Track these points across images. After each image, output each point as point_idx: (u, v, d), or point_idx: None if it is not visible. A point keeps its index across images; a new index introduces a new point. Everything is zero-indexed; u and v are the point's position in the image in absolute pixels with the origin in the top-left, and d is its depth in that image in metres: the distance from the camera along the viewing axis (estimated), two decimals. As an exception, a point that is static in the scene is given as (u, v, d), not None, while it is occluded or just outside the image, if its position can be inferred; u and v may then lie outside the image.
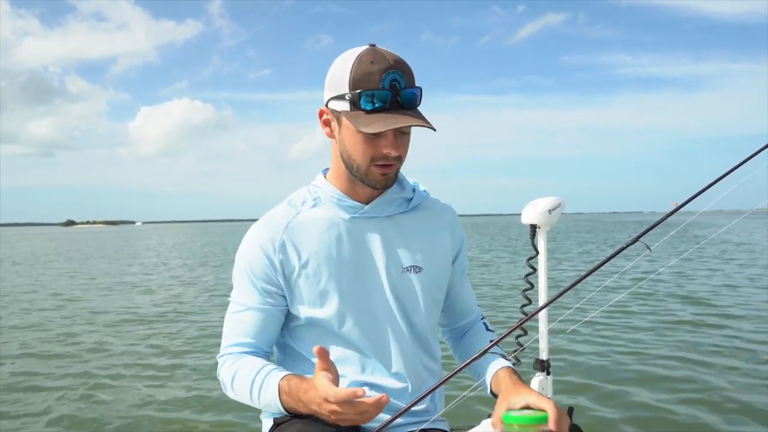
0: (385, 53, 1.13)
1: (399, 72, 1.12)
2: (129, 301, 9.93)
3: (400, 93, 1.11)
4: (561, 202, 2.02)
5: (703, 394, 4.10)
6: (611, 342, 5.79)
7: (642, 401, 3.99)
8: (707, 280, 10.68)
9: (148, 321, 7.85)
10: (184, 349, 6.09)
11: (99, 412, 4.08)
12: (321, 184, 1.29)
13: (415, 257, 1.27)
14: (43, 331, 7.20)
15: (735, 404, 3.89)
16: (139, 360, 5.65)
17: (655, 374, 4.64)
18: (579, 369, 4.81)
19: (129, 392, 4.57)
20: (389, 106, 1.11)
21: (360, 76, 1.11)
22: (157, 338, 6.68)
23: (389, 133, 1.14)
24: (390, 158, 1.16)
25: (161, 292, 11.24)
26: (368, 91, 1.10)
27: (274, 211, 1.29)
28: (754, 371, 4.66)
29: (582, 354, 5.29)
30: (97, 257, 22.96)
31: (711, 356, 5.16)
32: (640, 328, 6.41)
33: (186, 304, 9.48)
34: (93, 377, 5.01)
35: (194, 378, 4.95)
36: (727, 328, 6.39)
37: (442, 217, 1.35)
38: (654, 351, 5.41)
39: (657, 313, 7.30)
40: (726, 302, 8.14)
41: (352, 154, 1.18)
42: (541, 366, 2.03)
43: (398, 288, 1.25)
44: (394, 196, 1.28)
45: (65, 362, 5.60)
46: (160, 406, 4.22)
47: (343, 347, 1.25)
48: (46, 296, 10.80)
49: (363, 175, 1.19)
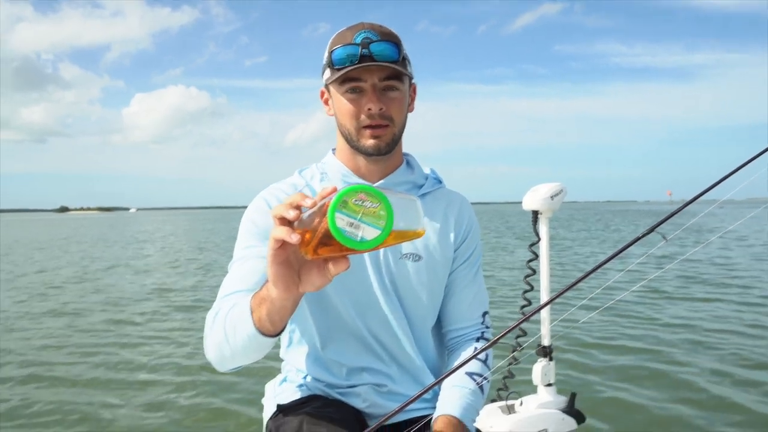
0: (367, 23, 1.16)
1: (373, 31, 1.13)
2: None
3: (370, 46, 1.12)
4: (563, 188, 2.01)
5: (706, 385, 4.11)
6: (615, 328, 5.80)
7: (645, 388, 3.99)
8: (720, 270, 10.64)
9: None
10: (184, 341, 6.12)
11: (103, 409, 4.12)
12: (328, 161, 1.29)
13: (414, 245, 1.25)
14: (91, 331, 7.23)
15: (731, 395, 3.90)
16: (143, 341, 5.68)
17: (660, 361, 4.65)
18: (582, 354, 4.82)
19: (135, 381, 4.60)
20: (359, 60, 1.12)
21: (336, 40, 1.15)
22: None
23: (368, 88, 1.14)
24: (375, 116, 1.15)
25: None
26: (339, 48, 1.13)
27: (284, 180, 1.29)
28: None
29: (585, 339, 5.30)
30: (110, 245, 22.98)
31: (715, 349, 5.16)
32: (645, 316, 6.41)
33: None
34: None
35: (198, 366, 4.97)
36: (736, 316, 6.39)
37: (450, 206, 1.32)
38: (658, 338, 5.42)
39: (664, 303, 7.30)
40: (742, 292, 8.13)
41: (342, 120, 1.19)
42: (544, 352, 2.04)
43: (394, 274, 1.23)
44: (401, 178, 1.27)
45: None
46: (160, 392, 4.26)
47: (340, 332, 1.24)
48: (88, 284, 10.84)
49: (356, 141, 1.19)
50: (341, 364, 1.24)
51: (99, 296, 8.98)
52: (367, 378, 1.24)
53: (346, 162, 1.25)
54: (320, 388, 1.26)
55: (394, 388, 1.24)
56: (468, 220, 1.32)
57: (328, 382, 1.26)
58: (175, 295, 8.96)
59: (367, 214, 0.63)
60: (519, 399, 2.05)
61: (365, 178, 1.24)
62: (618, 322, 6.02)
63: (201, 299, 8.45)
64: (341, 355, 1.24)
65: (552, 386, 2.03)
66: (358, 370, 1.24)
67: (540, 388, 2.03)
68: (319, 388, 1.27)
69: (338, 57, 1.13)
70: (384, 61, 1.12)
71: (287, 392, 1.29)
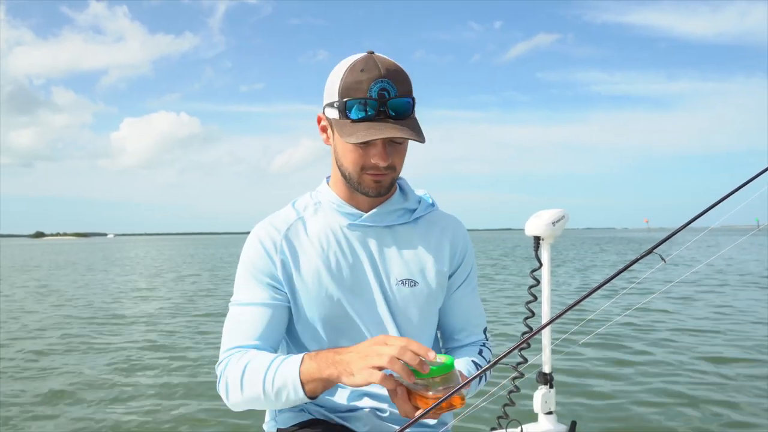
0: (379, 61, 1.11)
1: (389, 81, 1.10)
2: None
3: (387, 102, 1.09)
4: (565, 214, 2.02)
5: (707, 411, 4.07)
6: (615, 356, 5.76)
7: (645, 417, 3.96)
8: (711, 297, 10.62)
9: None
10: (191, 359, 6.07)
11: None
12: (322, 190, 1.30)
13: (410, 270, 1.25)
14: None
15: (740, 419, 3.86)
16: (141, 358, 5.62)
17: (660, 390, 4.61)
18: (582, 383, 4.78)
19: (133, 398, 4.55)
20: (376, 116, 1.09)
21: (349, 84, 1.10)
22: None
23: (378, 143, 1.13)
24: (380, 168, 1.15)
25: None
26: (354, 100, 1.09)
27: (278, 213, 1.29)
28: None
29: (585, 367, 5.26)
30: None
31: (716, 374, 5.12)
32: (644, 342, 6.37)
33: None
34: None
35: (200, 389, 4.93)
36: (732, 340, 6.35)
37: (444, 230, 1.32)
38: (659, 365, 5.38)
39: (661, 327, 7.26)
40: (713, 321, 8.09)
41: (344, 162, 1.18)
42: (544, 379, 2.02)
43: (391, 301, 1.24)
44: (395, 206, 1.27)
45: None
46: (165, 416, 4.20)
47: None
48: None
49: (356, 183, 1.19)
50: (342, 388, 1.24)
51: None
52: (368, 402, 1.23)
53: (342, 193, 1.26)
54: (321, 412, 1.25)
55: (395, 412, 1.23)
56: (463, 244, 1.34)
57: (329, 407, 1.25)
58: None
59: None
60: (519, 427, 2.03)
61: (359, 208, 1.25)
62: (620, 349, 5.98)
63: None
64: None
65: (552, 414, 2.01)
66: (359, 394, 1.23)
67: (540, 416, 2.01)
68: (320, 412, 1.25)
69: (353, 110, 1.10)
70: (402, 118, 1.10)
71: (288, 416, 1.28)
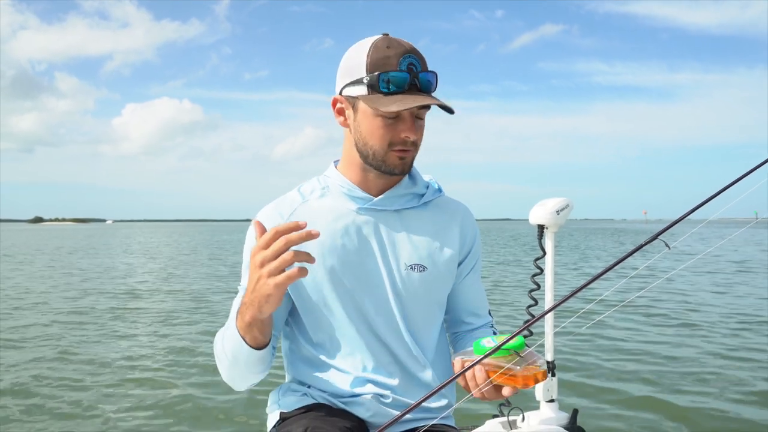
0: (399, 40, 1.16)
1: (415, 56, 1.14)
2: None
3: (418, 76, 1.13)
4: (569, 203, 2.01)
5: (709, 397, 4.08)
6: (617, 343, 5.77)
7: (648, 404, 3.97)
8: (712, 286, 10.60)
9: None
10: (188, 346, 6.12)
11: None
12: (331, 174, 1.29)
13: (420, 255, 1.25)
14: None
15: (744, 409, 3.87)
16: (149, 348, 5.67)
17: (662, 377, 4.62)
18: (584, 370, 4.80)
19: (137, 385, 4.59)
20: (407, 89, 1.12)
21: (377, 60, 1.13)
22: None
23: (407, 117, 1.15)
24: (408, 143, 1.17)
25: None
26: (386, 74, 1.12)
27: (283, 197, 1.29)
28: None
29: (588, 355, 5.27)
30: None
31: (717, 359, 5.13)
32: (646, 329, 6.38)
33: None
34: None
35: (203, 374, 4.97)
36: (735, 330, 6.35)
37: (453, 216, 1.33)
38: (662, 353, 5.39)
39: (665, 315, 7.27)
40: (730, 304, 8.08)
41: (369, 139, 1.18)
42: (546, 367, 2.03)
43: (399, 286, 1.24)
44: (404, 190, 1.28)
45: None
46: (167, 400, 4.24)
47: (344, 342, 1.24)
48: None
49: (380, 161, 1.19)
50: (345, 373, 1.25)
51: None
52: (371, 388, 1.24)
53: (352, 176, 1.26)
54: (324, 397, 1.26)
55: (398, 398, 1.24)
56: (472, 231, 1.35)
57: (331, 392, 1.25)
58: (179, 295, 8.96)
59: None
60: (521, 414, 2.04)
61: (370, 192, 1.25)
62: (622, 337, 5.98)
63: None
64: (345, 365, 1.25)
65: (554, 402, 2.02)
66: (362, 379, 1.24)
67: (542, 404, 2.02)
68: (323, 397, 1.26)
69: (389, 81, 1.12)
70: (428, 92, 1.15)
71: (291, 401, 1.29)
